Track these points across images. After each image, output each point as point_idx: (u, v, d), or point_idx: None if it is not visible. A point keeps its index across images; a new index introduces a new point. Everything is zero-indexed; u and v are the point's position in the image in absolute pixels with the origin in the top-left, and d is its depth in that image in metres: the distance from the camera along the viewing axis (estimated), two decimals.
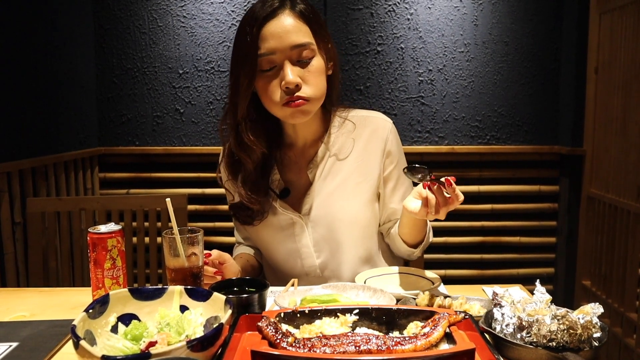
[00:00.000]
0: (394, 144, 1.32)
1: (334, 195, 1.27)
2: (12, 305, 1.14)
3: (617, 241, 2.29)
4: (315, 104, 1.20)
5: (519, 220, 2.75)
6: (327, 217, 1.27)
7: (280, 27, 1.13)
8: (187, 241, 1.03)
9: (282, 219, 1.29)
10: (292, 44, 1.14)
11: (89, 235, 1.04)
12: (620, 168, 2.28)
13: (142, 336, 0.83)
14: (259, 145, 1.23)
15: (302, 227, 1.28)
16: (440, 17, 2.63)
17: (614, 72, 2.32)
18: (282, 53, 1.14)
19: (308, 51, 1.15)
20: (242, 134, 1.22)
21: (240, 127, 1.22)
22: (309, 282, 1.30)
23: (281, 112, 1.19)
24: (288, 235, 1.30)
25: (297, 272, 1.32)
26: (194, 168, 2.72)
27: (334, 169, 1.29)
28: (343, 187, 1.28)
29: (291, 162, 1.32)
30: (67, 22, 2.44)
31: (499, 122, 2.70)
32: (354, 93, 2.67)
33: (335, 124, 1.32)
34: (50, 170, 2.27)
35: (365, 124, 1.32)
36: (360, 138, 1.31)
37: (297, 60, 1.16)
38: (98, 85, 2.70)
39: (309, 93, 1.17)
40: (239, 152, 1.25)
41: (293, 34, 1.14)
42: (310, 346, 0.77)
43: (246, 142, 1.22)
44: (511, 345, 0.81)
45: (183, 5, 2.64)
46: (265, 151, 1.25)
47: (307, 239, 1.29)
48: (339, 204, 1.27)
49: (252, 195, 1.27)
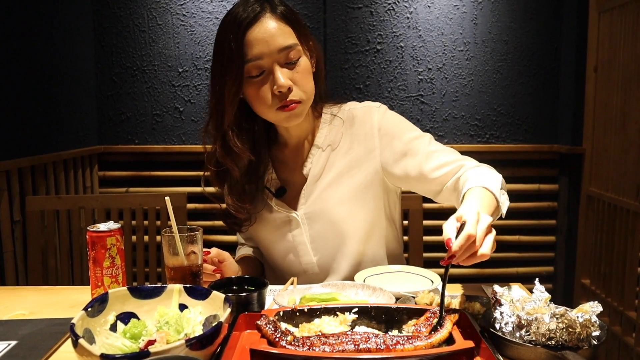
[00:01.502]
0: (385, 122, 1.27)
1: (329, 191, 1.27)
2: (11, 303, 1.14)
3: (616, 240, 2.30)
4: (307, 104, 1.20)
5: (518, 219, 2.75)
6: (323, 213, 1.27)
7: (265, 31, 1.12)
8: (186, 240, 1.03)
9: (279, 217, 1.29)
10: (279, 47, 1.13)
11: (88, 233, 1.04)
12: (620, 167, 2.28)
13: (141, 335, 0.82)
14: (246, 152, 1.22)
15: (298, 224, 1.28)
16: (440, 16, 2.63)
17: (614, 71, 2.32)
18: (270, 57, 1.13)
19: (295, 52, 1.15)
20: (229, 142, 1.20)
21: (227, 135, 1.20)
22: (307, 279, 1.30)
23: (275, 116, 1.19)
24: (285, 233, 1.30)
25: (295, 270, 1.32)
26: (194, 166, 2.72)
27: (327, 165, 1.29)
28: (338, 182, 1.27)
29: (286, 161, 1.33)
30: (67, 20, 2.43)
31: (498, 120, 2.70)
32: (353, 92, 2.67)
33: (326, 119, 1.32)
34: (49, 169, 2.27)
35: (353, 115, 1.30)
36: (349, 130, 1.30)
37: (285, 62, 1.15)
38: (97, 83, 2.69)
39: (301, 95, 1.16)
40: (225, 160, 1.23)
41: (278, 37, 1.13)
42: (309, 345, 0.77)
43: (234, 149, 1.20)
44: (510, 344, 0.81)
45: (182, 3, 2.64)
46: (252, 157, 1.24)
47: (303, 236, 1.29)
48: (334, 199, 1.27)
49: (239, 204, 1.26)
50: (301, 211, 1.28)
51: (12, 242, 2.01)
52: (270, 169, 1.31)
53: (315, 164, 1.29)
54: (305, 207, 1.28)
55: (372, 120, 1.28)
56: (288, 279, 1.26)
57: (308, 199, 1.28)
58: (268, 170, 1.31)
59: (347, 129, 1.30)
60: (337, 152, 1.30)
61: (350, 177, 1.28)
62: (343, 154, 1.29)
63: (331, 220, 1.27)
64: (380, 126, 1.27)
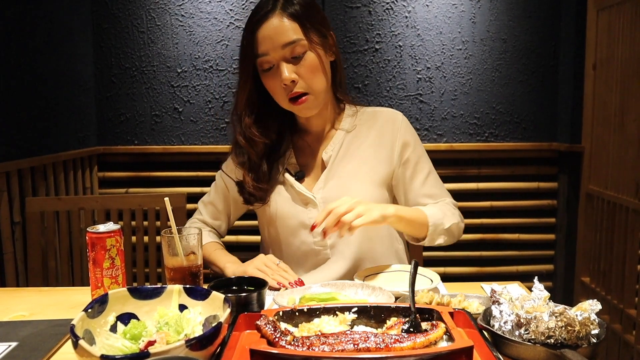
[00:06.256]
0: (408, 133, 1.40)
1: (348, 179, 1.33)
2: (12, 304, 1.15)
3: (616, 238, 2.30)
4: (318, 95, 1.28)
5: (517, 218, 2.75)
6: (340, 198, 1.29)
7: (270, 29, 1.22)
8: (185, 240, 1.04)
9: (298, 198, 1.35)
10: (282, 43, 1.22)
11: (88, 234, 1.05)
12: (619, 164, 2.28)
13: (141, 335, 0.83)
14: (261, 138, 1.32)
15: (315, 207, 1.33)
16: (438, 15, 2.63)
17: (612, 69, 2.32)
18: (275, 52, 1.23)
19: (299, 47, 1.23)
20: (244, 126, 1.32)
21: (243, 121, 1.32)
22: (317, 263, 1.35)
23: (290, 107, 1.30)
24: (301, 214, 1.34)
25: (307, 252, 1.36)
26: (193, 167, 2.72)
27: (348, 154, 1.36)
28: (357, 171, 1.34)
29: (306, 147, 1.41)
30: (65, 21, 2.43)
31: (497, 119, 2.70)
32: (352, 91, 2.67)
33: (349, 112, 1.42)
34: (49, 170, 2.27)
35: (378, 115, 1.41)
36: (374, 127, 1.39)
37: (292, 57, 1.23)
38: (96, 84, 2.69)
39: (306, 86, 1.25)
40: (243, 144, 1.34)
41: (282, 33, 1.22)
42: (309, 344, 0.77)
43: (247, 134, 1.32)
44: (509, 343, 0.82)
45: (181, 4, 2.64)
46: (268, 142, 1.34)
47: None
48: (353, 187, 1.33)
49: (256, 184, 1.35)
50: (319, 195, 1.34)
51: (12, 243, 2.01)
52: (290, 151, 1.39)
53: (336, 149, 1.36)
54: (324, 192, 1.34)
55: (397, 121, 1.39)
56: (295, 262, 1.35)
57: (327, 184, 1.35)
58: (288, 153, 1.39)
59: (372, 125, 1.39)
60: (359, 141, 1.38)
61: (370, 169, 1.35)
62: (366, 146, 1.37)
63: None
64: (404, 131, 1.39)
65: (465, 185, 2.71)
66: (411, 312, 0.87)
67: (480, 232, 2.74)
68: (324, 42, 1.27)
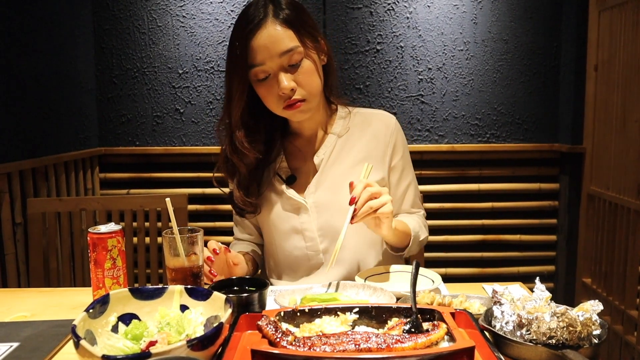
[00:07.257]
0: (399, 137, 1.39)
1: (340, 182, 1.31)
2: (13, 305, 1.15)
3: (617, 238, 2.29)
4: (312, 100, 1.25)
5: (519, 219, 2.75)
6: (332, 202, 1.30)
7: (266, 38, 1.18)
8: (187, 241, 1.04)
9: (288, 202, 1.33)
10: (279, 52, 1.18)
11: (89, 235, 1.05)
12: (620, 165, 2.28)
13: (142, 336, 0.83)
14: (252, 151, 1.28)
15: (306, 211, 1.32)
16: (440, 16, 2.63)
17: (614, 70, 2.32)
18: (272, 62, 1.19)
19: (296, 54, 1.20)
20: (236, 141, 1.28)
21: (235, 134, 1.28)
22: (310, 269, 1.33)
23: (283, 114, 1.27)
24: (292, 219, 1.33)
25: (300, 257, 1.34)
26: (194, 168, 2.72)
27: (340, 157, 1.35)
28: (349, 175, 1.31)
29: (297, 150, 1.38)
30: (67, 22, 2.44)
31: (498, 120, 2.70)
32: (353, 92, 2.67)
33: (342, 114, 1.39)
34: (50, 171, 2.27)
35: (371, 118, 1.40)
36: (367, 130, 1.37)
37: (289, 65, 1.20)
38: (98, 85, 2.70)
39: (305, 94, 1.23)
40: (232, 157, 1.30)
41: (279, 42, 1.18)
42: (310, 345, 0.77)
43: (239, 148, 1.27)
44: (511, 343, 0.81)
45: (182, 5, 2.64)
46: (259, 156, 1.30)
47: (312, 224, 1.31)
48: (345, 191, 1.29)
49: (245, 199, 1.32)
50: (310, 199, 1.32)
51: (14, 244, 2.02)
52: (281, 156, 1.36)
53: (328, 153, 1.34)
54: (315, 196, 1.32)
55: (390, 125, 1.38)
56: (289, 268, 1.33)
57: (318, 188, 1.33)
58: (279, 158, 1.36)
59: (364, 127, 1.38)
60: (351, 145, 1.36)
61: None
62: (358, 149, 1.35)
63: (340, 211, 1.28)
64: (397, 136, 1.39)
65: (466, 186, 2.71)
66: (412, 312, 0.87)
67: (482, 233, 2.74)
68: (317, 46, 1.25)
